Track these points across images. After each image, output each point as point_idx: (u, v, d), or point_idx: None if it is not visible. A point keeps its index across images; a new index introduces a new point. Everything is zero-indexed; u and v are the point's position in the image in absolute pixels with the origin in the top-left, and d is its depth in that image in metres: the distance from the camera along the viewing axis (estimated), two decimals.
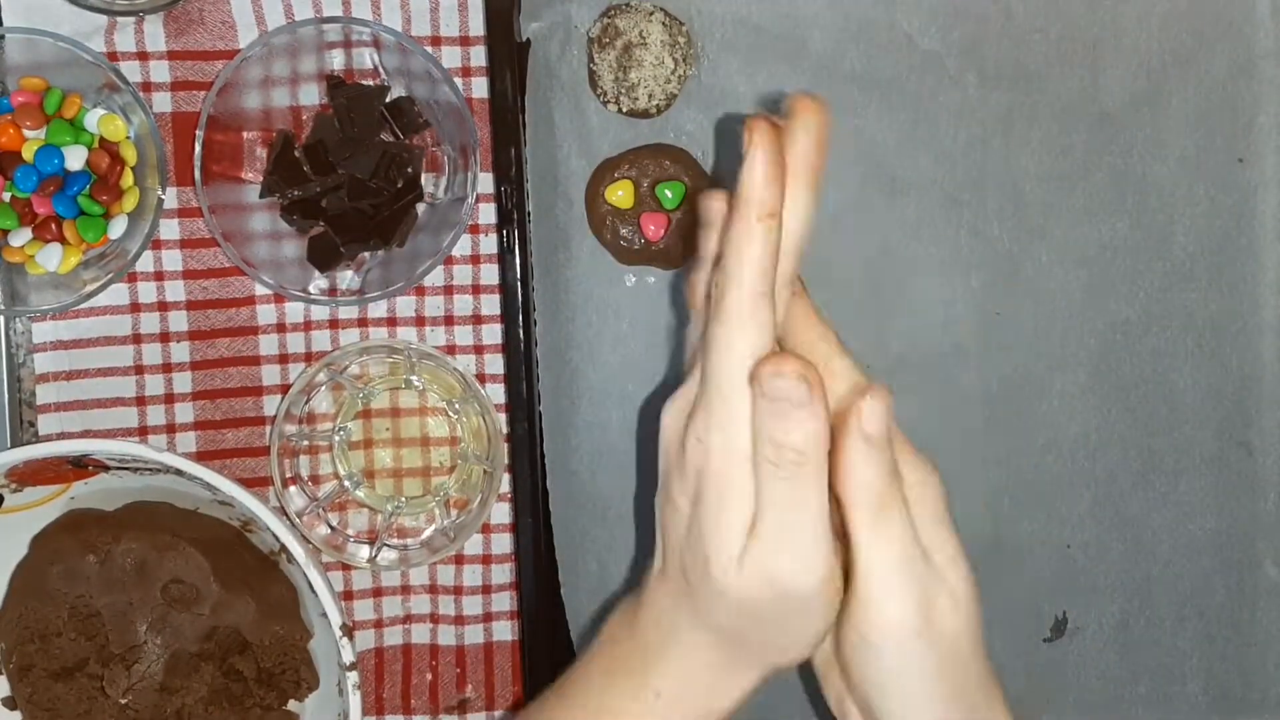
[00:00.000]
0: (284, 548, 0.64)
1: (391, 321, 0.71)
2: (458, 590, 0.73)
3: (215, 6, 0.69)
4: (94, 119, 0.67)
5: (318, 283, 0.69)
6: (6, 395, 0.70)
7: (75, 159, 0.67)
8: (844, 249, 0.69)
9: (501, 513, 0.72)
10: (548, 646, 0.69)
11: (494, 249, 0.70)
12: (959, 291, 0.70)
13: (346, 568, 0.72)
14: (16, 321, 0.70)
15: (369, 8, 0.69)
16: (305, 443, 0.71)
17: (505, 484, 0.72)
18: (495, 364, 0.72)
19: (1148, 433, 0.70)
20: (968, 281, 0.70)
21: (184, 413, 0.71)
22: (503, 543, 0.72)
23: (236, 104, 0.67)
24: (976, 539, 0.67)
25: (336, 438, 0.71)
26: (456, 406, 0.71)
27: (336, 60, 0.69)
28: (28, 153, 0.66)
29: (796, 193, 0.49)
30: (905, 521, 0.49)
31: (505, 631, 0.73)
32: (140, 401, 0.70)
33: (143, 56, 0.69)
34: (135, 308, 0.70)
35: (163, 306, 0.70)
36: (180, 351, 0.70)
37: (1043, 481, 0.71)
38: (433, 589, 0.72)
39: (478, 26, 0.70)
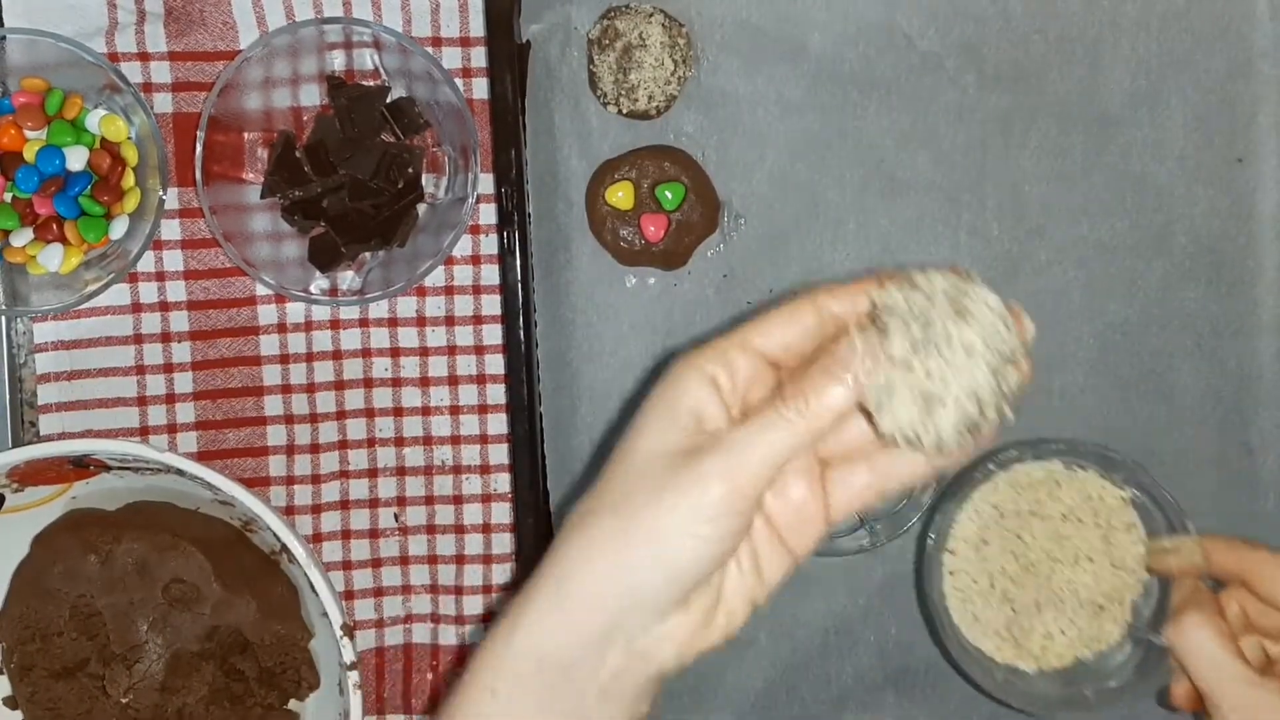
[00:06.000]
0: (285, 547, 0.64)
1: (393, 322, 0.71)
2: (459, 590, 0.73)
3: (216, 7, 0.69)
4: (95, 120, 0.67)
5: (319, 283, 0.69)
6: (8, 395, 0.70)
7: (76, 159, 0.67)
8: (844, 249, 0.70)
9: (502, 513, 0.72)
10: None
11: (494, 250, 0.70)
12: None
13: (348, 567, 0.72)
14: (18, 321, 0.70)
15: (370, 8, 0.69)
16: None
17: (505, 485, 0.72)
18: (496, 364, 0.72)
19: (1147, 433, 0.70)
20: None
21: (185, 413, 0.71)
22: (504, 543, 0.72)
23: (237, 105, 0.68)
24: None
25: None
26: None
27: (337, 61, 0.69)
28: (29, 153, 0.67)
29: None
30: None
31: None
32: (141, 401, 0.70)
33: (144, 57, 0.69)
34: (136, 308, 0.70)
35: (164, 307, 0.70)
36: (181, 352, 0.70)
37: None
38: (434, 589, 0.73)
39: (478, 28, 0.70)
